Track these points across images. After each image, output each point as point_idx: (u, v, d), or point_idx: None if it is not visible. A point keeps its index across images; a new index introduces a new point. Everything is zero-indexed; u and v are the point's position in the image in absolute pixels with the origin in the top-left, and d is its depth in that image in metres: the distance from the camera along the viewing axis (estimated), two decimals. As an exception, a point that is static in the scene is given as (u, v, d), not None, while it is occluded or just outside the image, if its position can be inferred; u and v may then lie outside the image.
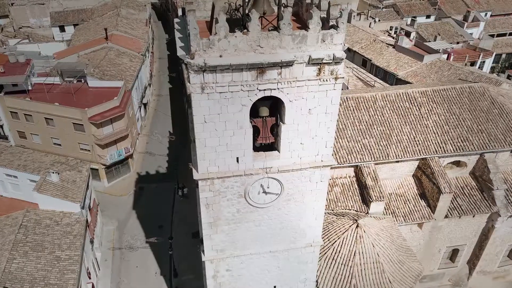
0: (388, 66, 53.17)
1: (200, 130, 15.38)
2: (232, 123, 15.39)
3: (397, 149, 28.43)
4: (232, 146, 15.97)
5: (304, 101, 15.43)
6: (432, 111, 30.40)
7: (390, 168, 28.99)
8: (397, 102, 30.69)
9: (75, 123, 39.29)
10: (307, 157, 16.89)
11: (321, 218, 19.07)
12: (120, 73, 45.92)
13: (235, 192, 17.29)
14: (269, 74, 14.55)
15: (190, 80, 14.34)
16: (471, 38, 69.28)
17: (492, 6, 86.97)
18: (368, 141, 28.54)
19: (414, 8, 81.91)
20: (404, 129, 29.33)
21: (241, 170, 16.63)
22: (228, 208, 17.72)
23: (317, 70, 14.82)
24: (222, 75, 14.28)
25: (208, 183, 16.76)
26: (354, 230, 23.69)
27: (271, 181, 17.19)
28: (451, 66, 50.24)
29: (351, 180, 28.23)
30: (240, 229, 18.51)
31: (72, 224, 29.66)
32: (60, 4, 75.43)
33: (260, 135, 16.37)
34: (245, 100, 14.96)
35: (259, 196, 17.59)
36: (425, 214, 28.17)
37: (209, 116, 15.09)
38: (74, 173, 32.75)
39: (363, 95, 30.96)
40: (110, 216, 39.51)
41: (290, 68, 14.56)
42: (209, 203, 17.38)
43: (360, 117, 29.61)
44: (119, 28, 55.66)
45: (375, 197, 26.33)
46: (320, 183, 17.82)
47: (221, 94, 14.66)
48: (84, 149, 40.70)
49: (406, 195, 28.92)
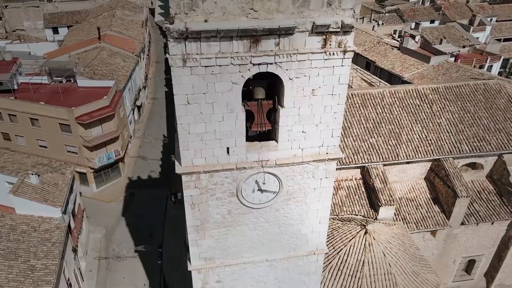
0: (393, 68, 50.99)
1: (182, 113, 12.89)
2: (220, 105, 12.90)
3: (407, 149, 25.94)
4: (221, 134, 13.46)
5: (306, 79, 12.95)
6: (444, 109, 28.01)
7: (400, 170, 26.46)
8: (406, 99, 28.30)
9: (62, 124, 36.91)
10: (310, 148, 14.34)
11: (326, 222, 16.45)
12: (112, 72, 43.69)
13: (226, 190, 14.73)
14: (265, 45, 12.10)
15: (169, 51, 11.91)
16: (477, 42, 67.31)
17: (497, 12, 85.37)
18: (375, 140, 26.08)
19: (418, 13, 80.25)
20: (414, 127, 26.89)
21: (232, 163, 14.08)
22: (218, 208, 15.14)
23: (322, 41, 12.38)
24: (207, 45, 11.84)
25: (193, 179, 14.20)
26: (362, 237, 21.04)
27: (268, 176, 14.62)
28: (460, 68, 47.99)
29: (357, 183, 25.66)
30: (232, 233, 15.90)
31: (51, 230, 27.03)
32: (55, 7, 73.69)
33: (255, 122, 13.86)
34: (236, 76, 12.49)
35: (253, 194, 15.02)
36: (439, 220, 25.55)
37: (193, 96, 12.61)
38: (56, 176, 30.21)
39: (370, 91, 28.62)
40: (98, 223, 36.86)
41: (289, 38, 12.12)
42: (195, 203, 14.81)
43: (366, 115, 27.22)
44: (113, 28, 53.65)
45: (385, 201, 23.76)
46: (325, 180, 15.25)
47: (207, 69, 12.20)
48: (71, 151, 38.24)
49: (418, 200, 26.32)
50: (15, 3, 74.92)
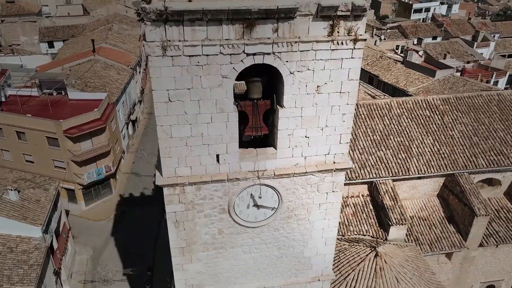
0: (397, 82, 49.35)
1: (163, 113, 10.87)
2: (208, 103, 10.88)
3: (418, 163, 23.80)
4: (209, 139, 11.39)
5: (310, 73, 10.96)
6: (457, 120, 25.99)
7: (410, 186, 24.27)
8: (415, 110, 26.32)
9: (49, 137, 34.85)
10: (314, 156, 12.26)
11: (332, 244, 14.24)
12: (105, 85, 41.90)
13: (216, 205, 12.58)
14: (261, 31, 10.16)
15: (145, 36, 9.96)
16: (482, 58, 65.97)
17: (499, 29, 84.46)
18: (384, 153, 23.97)
19: (420, 29, 79.29)
20: (425, 140, 24.81)
21: (223, 173, 11.98)
22: (207, 227, 12.96)
23: (329, 27, 10.44)
24: (192, 30, 9.89)
25: (177, 192, 12.08)
26: (372, 260, 18.72)
27: (265, 189, 12.50)
28: (466, 81, 46.33)
29: (364, 200, 23.44)
30: (223, 257, 13.67)
31: (30, 251, 24.69)
32: (52, 22, 72.72)
33: (249, 125, 11.82)
34: (227, 69, 10.50)
35: (248, 211, 12.86)
36: (455, 241, 23.20)
37: (175, 92, 10.59)
38: (39, 192, 28.03)
39: (376, 102, 26.72)
40: (85, 243, 34.45)
41: (290, 23, 10.18)
42: (179, 220, 12.63)
43: (373, 126, 25.20)
44: (108, 41, 52.17)
45: (395, 220, 21.49)
46: (332, 194, 13.11)
47: (191, 59, 10.22)
48: (59, 166, 36.07)
49: (431, 219, 24.02)
50: (12, 18, 74.02)
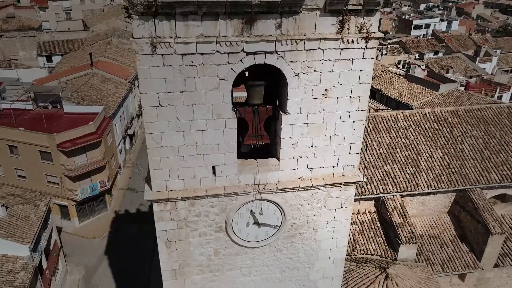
0: (400, 96, 48.52)
1: (152, 119, 9.70)
2: (203, 108, 9.73)
3: (428, 178, 22.57)
4: (204, 148, 10.21)
5: (317, 75, 9.85)
6: (466, 133, 24.87)
7: (419, 202, 23.00)
8: (423, 122, 25.23)
9: (42, 151, 33.67)
10: (321, 168, 11.05)
11: (341, 265, 12.91)
12: (102, 98, 40.92)
13: (212, 223, 11.31)
14: (262, 27, 9.08)
15: (133, 32, 8.87)
16: (484, 73, 65.29)
17: (500, 44, 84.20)
18: (391, 168, 22.76)
19: (421, 44, 79.02)
20: (434, 153, 23.64)
21: (219, 186, 10.76)
22: (201, 247, 11.66)
23: (338, 23, 9.37)
24: (185, 25, 8.81)
25: (169, 208, 10.83)
26: (382, 282, 17.31)
27: (267, 205, 11.25)
28: (471, 95, 45.46)
29: (371, 217, 22.13)
30: (220, 280, 12.33)
31: (16, 271, 23.26)
32: (52, 37, 72.34)
33: (249, 133, 10.65)
34: (224, 70, 9.39)
35: (248, 229, 11.58)
36: (468, 261, 21.80)
37: (166, 95, 9.46)
38: (28, 208, 26.70)
39: (382, 114, 25.64)
40: (77, 262, 32.91)
41: (295, 18, 9.12)
42: (171, 240, 11.35)
43: (379, 140, 24.08)
44: (106, 55, 51.48)
45: (405, 238, 20.15)
46: (341, 210, 11.86)
47: (184, 58, 9.11)
48: (52, 182, 34.79)
49: (442, 237, 22.66)
50: (12, 33, 73.69)
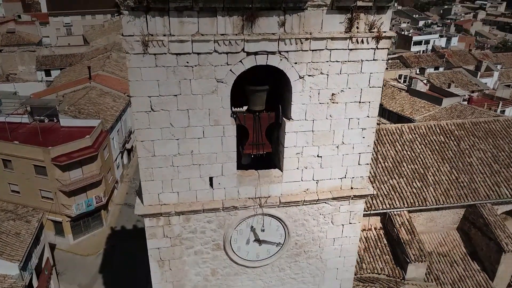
0: (402, 111, 47.97)
1: (144, 126, 8.86)
2: (200, 114, 8.91)
3: (436, 193, 21.63)
4: (201, 158, 9.35)
5: (323, 78, 9.06)
6: (474, 146, 24.03)
7: (427, 218, 22.00)
8: (429, 135, 24.42)
9: (37, 165, 32.79)
10: (328, 180, 10.17)
11: (349, 287, 11.89)
12: (100, 112, 40.24)
13: (209, 240, 10.37)
14: (264, 24, 8.33)
15: (123, 29, 8.10)
16: (486, 88, 64.97)
17: (501, 60, 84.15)
18: (397, 182, 21.85)
19: (421, 59, 78.98)
20: (442, 167, 22.75)
21: (217, 200, 9.86)
22: (197, 267, 10.69)
23: (347, 21, 8.62)
24: (180, 22, 8.06)
25: (161, 223, 9.90)
26: (391, 304, 16.27)
27: (269, 221, 10.33)
28: (474, 110, 44.89)
29: (377, 233, 21.12)
30: (217, 303, 11.32)
31: (4, 291, 22.13)
32: (51, 52, 72.20)
33: (249, 141, 9.81)
34: (223, 71, 8.60)
35: (248, 247, 10.64)
36: (480, 281, 20.68)
37: (159, 99, 8.64)
38: (19, 224, 25.69)
39: (386, 126, 24.85)
40: (71, 281, 31.74)
41: (300, 15, 8.37)
42: (164, 259, 10.39)
43: (384, 153, 23.23)
44: (105, 69, 51.05)
45: (414, 256, 19.12)
46: (349, 226, 10.93)
47: (179, 58, 8.33)
48: (46, 197, 33.81)
49: (451, 255, 21.59)
50: (11, 48, 73.60)
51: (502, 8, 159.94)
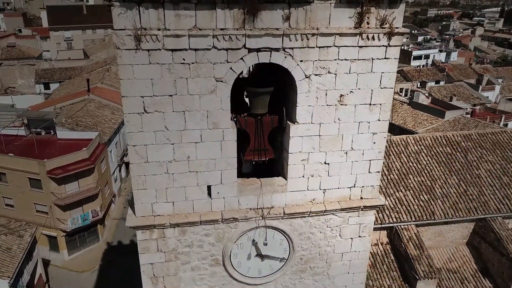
0: (404, 123, 47.33)
1: (136, 129, 8.13)
2: (197, 116, 8.19)
3: (444, 206, 20.77)
4: (198, 164, 8.60)
5: (331, 78, 8.38)
6: (482, 158, 23.26)
7: (435, 233, 21.10)
8: (435, 147, 23.69)
9: (32, 178, 31.96)
10: (336, 189, 9.40)
11: (358, 306, 11.03)
12: (98, 124, 39.57)
13: (206, 255, 9.55)
14: (267, 18, 7.68)
15: (113, 24, 7.44)
16: (488, 101, 64.67)
17: (501, 74, 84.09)
18: (403, 194, 21.03)
19: (422, 73, 78.86)
20: (449, 179, 21.94)
21: (216, 211, 9.07)
22: (194, 285, 9.84)
23: (357, 15, 7.98)
24: (176, 15, 7.40)
25: (155, 236, 9.10)
26: (401, 324, 15.31)
27: (272, 234, 9.53)
28: (478, 122, 44.25)
29: (384, 249, 20.20)
30: (216, 324, 10.42)
31: (-8, 310, 21.12)
32: (51, 65, 72.02)
33: (251, 147, 9.06)
34: (222, 69, 7.92)
35: (250, 263, 9.81)
36: (492, 299, 19.74)
37: (153, 100, 7.93)
38: (11, 239, 24.81)
39: (391, 138, 24.08)
40: (64, 298, 30.61)
41: (306, 8, 7.73)
42: (157, 275, 9.57)
43: (389, 164, 22.45)
44: (104, 81, 50.57)
45: (423, 272, 18.19)
46: (358, 240, 10.11)
47: (174, 55, 7.66)
48: (41, 211, 32.88)
49: (461, 271, 20.63)
50: (10, 61, 73.46)
51: (499, 24, 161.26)
